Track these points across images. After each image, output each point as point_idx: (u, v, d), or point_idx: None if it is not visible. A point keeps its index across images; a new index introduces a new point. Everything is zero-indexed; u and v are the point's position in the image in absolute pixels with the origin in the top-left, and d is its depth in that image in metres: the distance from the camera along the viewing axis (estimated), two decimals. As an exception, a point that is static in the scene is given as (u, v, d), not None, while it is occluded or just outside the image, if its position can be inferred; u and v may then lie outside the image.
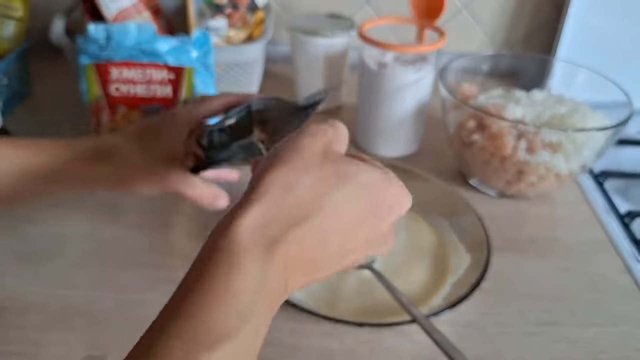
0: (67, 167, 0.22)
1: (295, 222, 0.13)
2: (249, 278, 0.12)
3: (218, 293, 0.12)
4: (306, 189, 0.14)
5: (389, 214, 0.15)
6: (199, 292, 0.12)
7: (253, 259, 0.13)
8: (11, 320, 0.24)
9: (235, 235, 0.13)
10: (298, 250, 0.13)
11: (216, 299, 0.12)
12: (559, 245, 0.30)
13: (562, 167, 0.30)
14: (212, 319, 0.12)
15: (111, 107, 0.33)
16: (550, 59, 0.38)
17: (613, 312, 0.26)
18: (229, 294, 0.12)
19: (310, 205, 0.13)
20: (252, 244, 0.13)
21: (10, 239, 0.29)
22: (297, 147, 0.14)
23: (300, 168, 0.14)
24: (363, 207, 0.14)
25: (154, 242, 0.29)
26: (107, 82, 0.32)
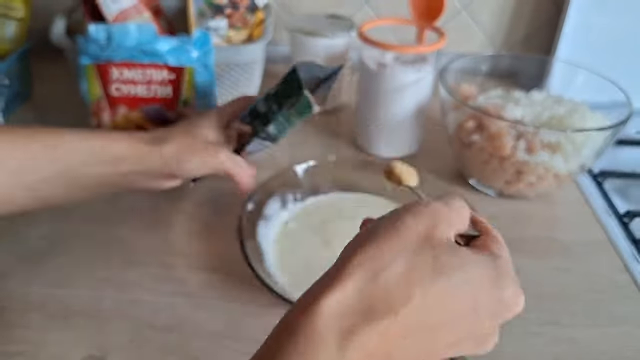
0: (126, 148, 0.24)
1: (378, 313, 0.12)
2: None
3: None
4: (395, 277, 0.12)
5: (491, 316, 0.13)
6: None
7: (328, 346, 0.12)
8: (11, 320, 0.24)
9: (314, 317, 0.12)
10: (378, 344, 0.12)
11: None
12: (559, 245, 0.30)
13: (561, 167, 0.31)
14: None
15: (112, 107, 0.33)
16: (549, 60, 0.38)
17: (613, 312, 0.26)
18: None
19: (398, 297, 0.12)
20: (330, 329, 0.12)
21: (11, 239, 0.29)
22: (396, 226, 0.13)
23: (393, 252, 0.12)
24: (460, 306, 0.13)
25: (155, 242, 0.29)
26: (107, 83, 0.32)
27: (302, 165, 0.32)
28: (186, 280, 0.27)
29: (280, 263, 0.27)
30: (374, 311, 0.12)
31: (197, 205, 0.33)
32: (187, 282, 0.26)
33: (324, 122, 0.41)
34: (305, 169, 0.32)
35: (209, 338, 0.24)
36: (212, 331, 0.24)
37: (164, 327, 0.24)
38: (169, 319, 0.24)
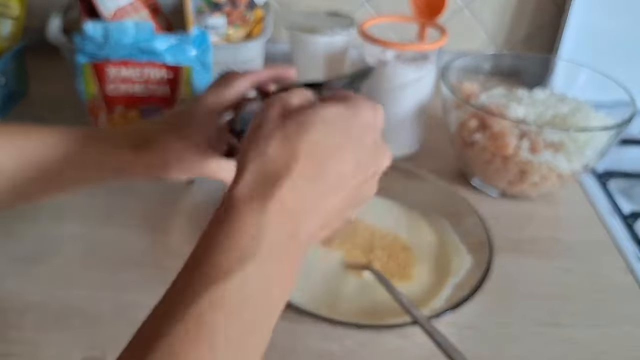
0: (107, 155, 0.23)
1: (278, 175, 0.15)
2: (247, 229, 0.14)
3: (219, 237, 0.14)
4: (277, 147, 0.15)
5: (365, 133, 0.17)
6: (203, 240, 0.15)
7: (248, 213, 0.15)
8: (9, 320, 0.24)
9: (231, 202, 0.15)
10: (294, 195, 0.15)
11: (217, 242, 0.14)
12: (562, 246, 0.30)
13: (564, 167, 0.30)
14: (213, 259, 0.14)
15: (109, 106, 0.32)
16: (553, 58, 0.38)
17: (616, 313, 0.25)
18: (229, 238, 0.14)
19: (287, 157, 0.15)
20: (246, 202, 0.15)
21: (8, 240, 0.29)
22: (258, 122, 0.16)
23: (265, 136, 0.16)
24: (336, 139, 0.16)
25: (152, 243, 0.29)
26: (104, 81, 0.31)
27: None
28: (185, 282, 0.26)
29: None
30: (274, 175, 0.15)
31: (195, 206, 0.32)
32: (186, 284, 0.26)
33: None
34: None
35: (208, 340, 0.23)
36: (211, 333, 0.24)
37: (163, 329, 0.24)
38: (167, 321, 0.24)
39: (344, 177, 0.16)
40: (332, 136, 0.16)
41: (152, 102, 0.33)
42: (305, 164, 0.15)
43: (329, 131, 0.16)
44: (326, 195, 0.16)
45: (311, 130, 0.15)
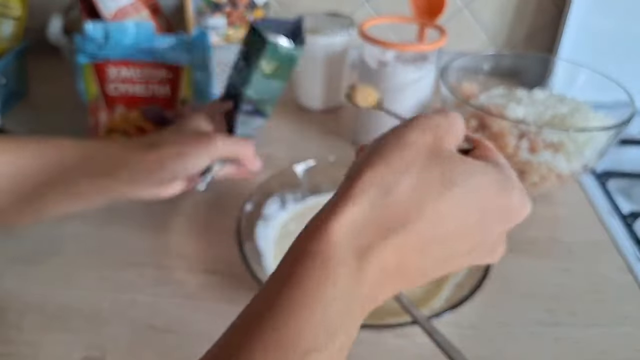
0: (118, 154, 0.23)
1: (393, 228, 0.12)
2: (340, 286, 0.11)
3: (307, 302, 0.11)
4: (407, 192, 0.12)
5: (500, 222, 0.14)
6: (286, 300, 0.11)
7: (345, 266, 0.11)
8: (10, 320, 0.24)
9: (328, 237, 0.12)
10: (394, 258, 0.12)
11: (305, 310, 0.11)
12: (561, 246, 0.30)
13: (563, 167, 0.30)
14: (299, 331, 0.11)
15: (109, 107, 0.32)
16: (552, 59, 0.38)
17: (615, 313, 0.25)
18: (319, 304, 0.11)
19: (410, 211, 0.12)
20: (345, 248, 0.12)
21: (8, 240, 0.29)
22: (402, 142, 0.13)
23: (403, 168, 0.12)
24: (470, 214, 0.13)
25: (153, 243, 0.29)
26: (105, 82, 0.31)
27: (302, 165, 0.32)
28: (185, 282, 0.26)
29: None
30: (388, 227, 0.12)
31: (196, 206, 0.32)
32: (186, 284, 0.26)
33: (324, 122, 0.41)
34: (305, 169, 0.32)
35: (208, 339, 0.23)
36: (211, 332, 0.24)
37: (163, 328, 0.24)
38: (167, 320, 0.24)
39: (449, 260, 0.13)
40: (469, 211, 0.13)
41: (152, 102, 0.33)
42: (424, 228, 0.12)
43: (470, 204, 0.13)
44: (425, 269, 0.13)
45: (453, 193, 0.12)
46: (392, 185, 0.12)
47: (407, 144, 0.13)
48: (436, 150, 0.13)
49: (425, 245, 0.12)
